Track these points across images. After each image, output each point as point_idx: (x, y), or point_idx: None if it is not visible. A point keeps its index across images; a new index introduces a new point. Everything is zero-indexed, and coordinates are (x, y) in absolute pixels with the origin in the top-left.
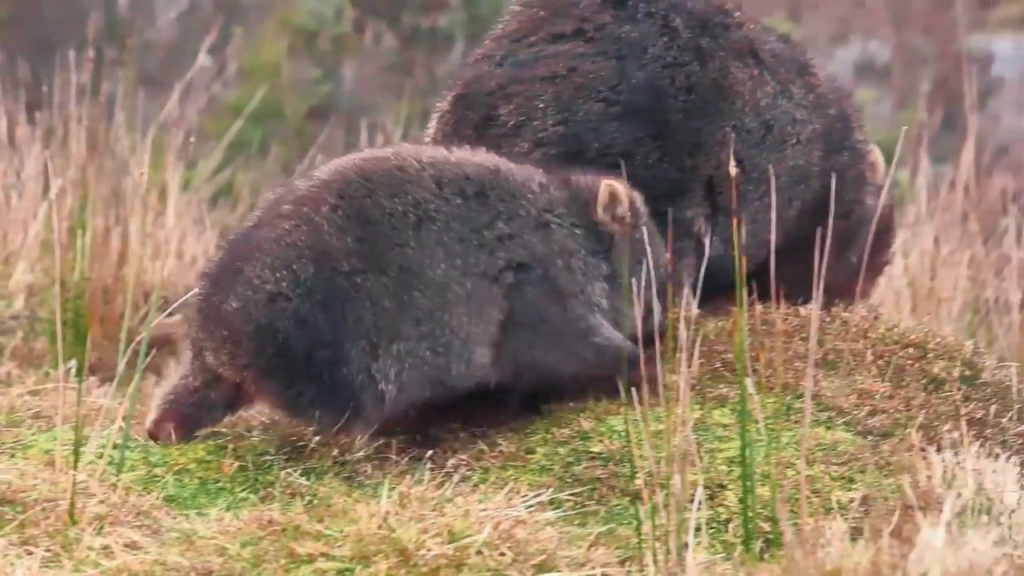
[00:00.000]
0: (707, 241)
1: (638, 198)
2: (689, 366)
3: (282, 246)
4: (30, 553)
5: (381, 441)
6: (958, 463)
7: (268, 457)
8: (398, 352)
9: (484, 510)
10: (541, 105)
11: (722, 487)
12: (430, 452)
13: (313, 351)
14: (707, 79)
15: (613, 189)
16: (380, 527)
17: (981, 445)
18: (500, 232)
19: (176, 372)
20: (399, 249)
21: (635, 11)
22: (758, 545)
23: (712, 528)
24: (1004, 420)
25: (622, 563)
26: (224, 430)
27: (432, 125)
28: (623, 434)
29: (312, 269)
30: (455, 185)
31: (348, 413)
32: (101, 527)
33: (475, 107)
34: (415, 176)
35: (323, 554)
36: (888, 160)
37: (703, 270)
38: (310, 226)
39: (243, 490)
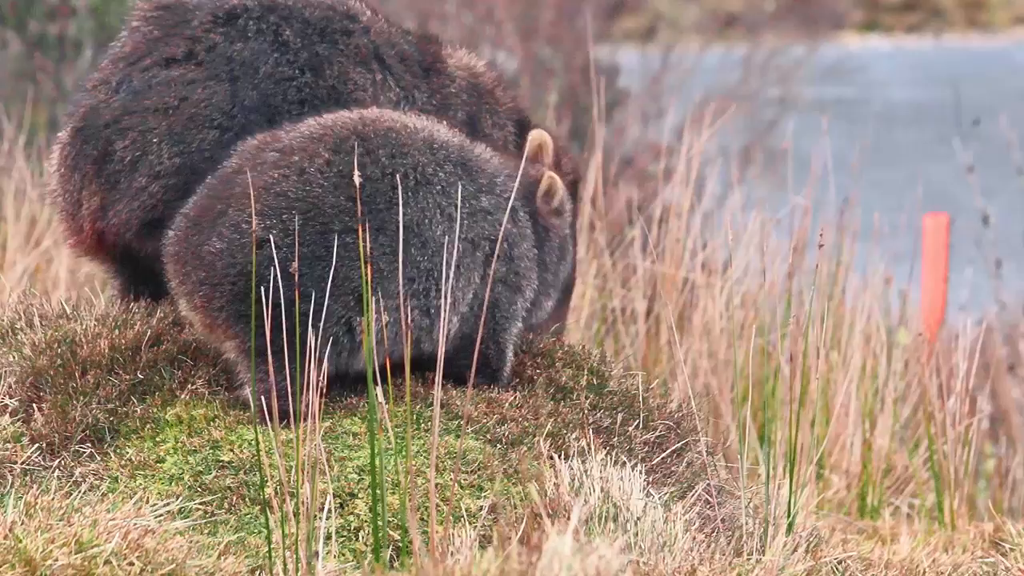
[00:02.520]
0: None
1: (566, 199)
2: (318, 377)
3: (272, 195)
4: None
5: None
6: (585, 471)
7: None
8: (387, 308)
9: (112, 519)
10: (155, 140)
11: (352, 496)
12: (58, 460)
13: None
14: (323, 88)
15: (553, 182)
16: (6, 537)
17: (608, 453)
18: (483, 205)
19: None
20: (398, 208)
21: (246, 27)
22: (388, 554)
23: (342, 537)
24: (630, 428)
25: (252, 572)
26: None
27: (55, 156)
28: (253, 443)
29: (301, 221)
30: (444, 150)
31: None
32: None
33: (91, 141)
34: (409, 139)
35: None
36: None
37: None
38: (301, 178)
39: None
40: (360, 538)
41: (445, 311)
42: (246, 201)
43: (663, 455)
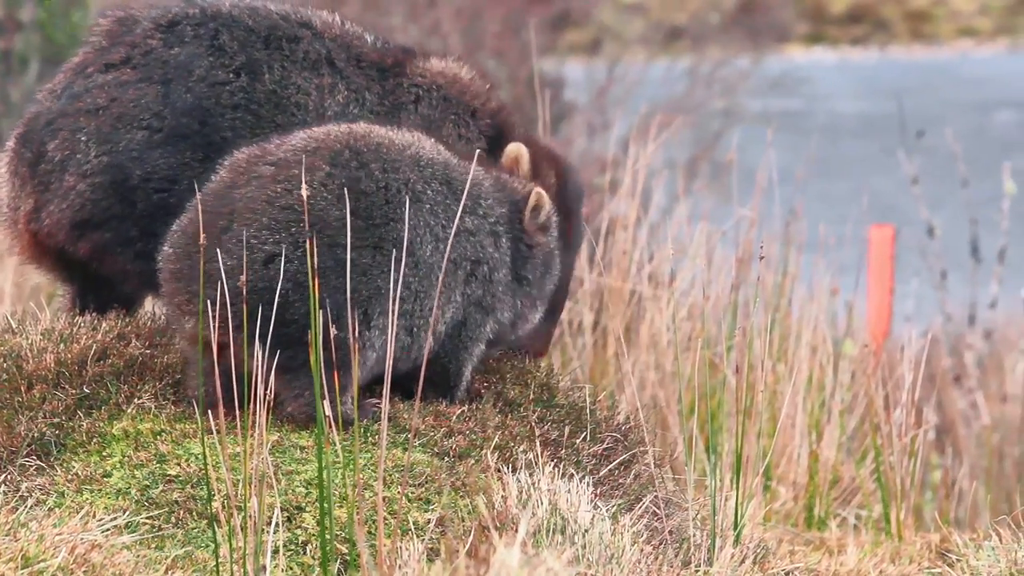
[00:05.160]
0: None
1: (552, 214)
2: (266, 389)
3: (276, 208)
4: None
5: None
6: (533, 484)
7: None
8: (383, 325)
9: (59, 534)
10: (83, 139)
11: (300, 509)
12: (3, 475)
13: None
14: (261, 93)
15: (540, 198)
16: None
17: (556, 466)
18: (466, 225)
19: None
20: (393, 224)
21: (184, 33)
22: (336, 567)
23: (290, 550)
24: (578, 441)
25: None
26: None
27: (2, 165)
28: (200, 457)
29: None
30: (430, 168)
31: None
32: None
33: (29, 144)
34: (398, 155)
35: None
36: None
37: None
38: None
39: None
40: (308, 552)
41: (430, 332)
42: (249, 216)
43: (610, 467)
